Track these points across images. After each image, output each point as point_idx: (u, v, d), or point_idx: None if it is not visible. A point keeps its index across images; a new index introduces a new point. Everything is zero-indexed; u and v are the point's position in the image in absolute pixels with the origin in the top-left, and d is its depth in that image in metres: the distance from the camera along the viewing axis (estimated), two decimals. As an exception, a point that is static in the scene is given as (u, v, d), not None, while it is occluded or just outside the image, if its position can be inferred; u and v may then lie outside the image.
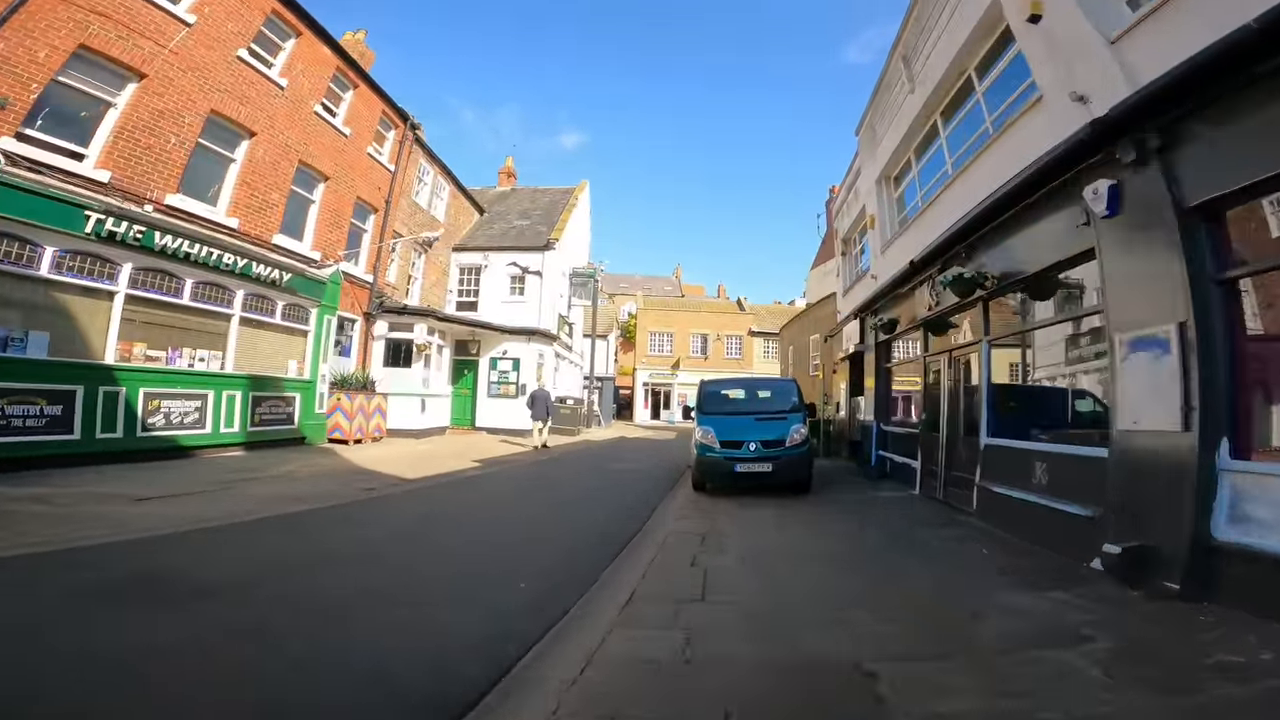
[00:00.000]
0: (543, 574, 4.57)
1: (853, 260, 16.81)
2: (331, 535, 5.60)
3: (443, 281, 21.29)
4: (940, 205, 9.01)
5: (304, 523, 6.10)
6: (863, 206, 14.33)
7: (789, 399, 10.57)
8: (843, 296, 16.97)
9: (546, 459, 13.77)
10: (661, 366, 40.70)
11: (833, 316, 18.33)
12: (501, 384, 18.66)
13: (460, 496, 8.08)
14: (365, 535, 5.65)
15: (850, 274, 16.70)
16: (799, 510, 7.99)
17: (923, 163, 10.65)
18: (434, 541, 5.61)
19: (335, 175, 14.27)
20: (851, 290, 15.84)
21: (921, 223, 9.84)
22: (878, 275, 12.55)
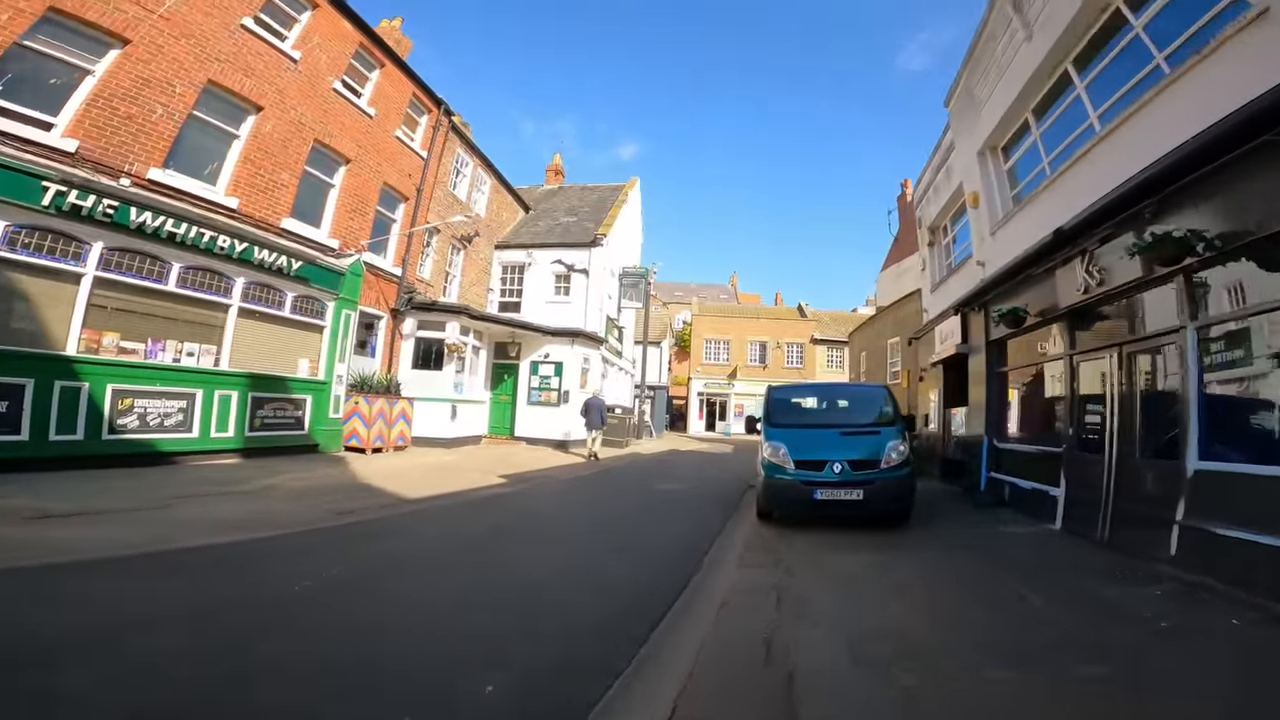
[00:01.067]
0: (523, 687, 2.71)
1: (941, 251, 14.46)
2: (220, 586, 3.91)
3: (483, 280, 19.95)
4: (1091, 164, 6.91)
5: (213, 560, 4.48)
6: (957, 186, 12.16)
7: (880, 408, 8.48)
8: (931, 293, 14.61)
9: (589, 472, 12.00)
10: (718, 376, 38.52)
11: (916, 316, 15.94)
12: (542, 390, 17.07)
13: (453, 528, 6.32)
14: (271, 590, 3.92)
15: (940, 266, 14.35)
16: (906, 552, 5.91)
17: (1047, 122, 8.59)
18: (364, 611, 3.76)
19: (358, 158, 13.01)
20: (944, 284, 13.48)
21: (1059, 189, 7.69)
22: (985, 261, 10.33)
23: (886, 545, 6.24)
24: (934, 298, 14.33)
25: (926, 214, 14.98)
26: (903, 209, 27.92)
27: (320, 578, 4.19)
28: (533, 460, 13.39)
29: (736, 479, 13.00)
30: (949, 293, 12.70)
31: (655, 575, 4.81)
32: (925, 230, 15.18)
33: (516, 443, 16.87)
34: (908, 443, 7.55)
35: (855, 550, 5.96)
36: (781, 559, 5.63)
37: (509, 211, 22.55)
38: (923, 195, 15.24)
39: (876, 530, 6.95)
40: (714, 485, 11.62)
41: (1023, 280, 8.50)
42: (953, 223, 13.81)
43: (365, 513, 6.59)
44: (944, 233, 14.44)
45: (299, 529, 5.61)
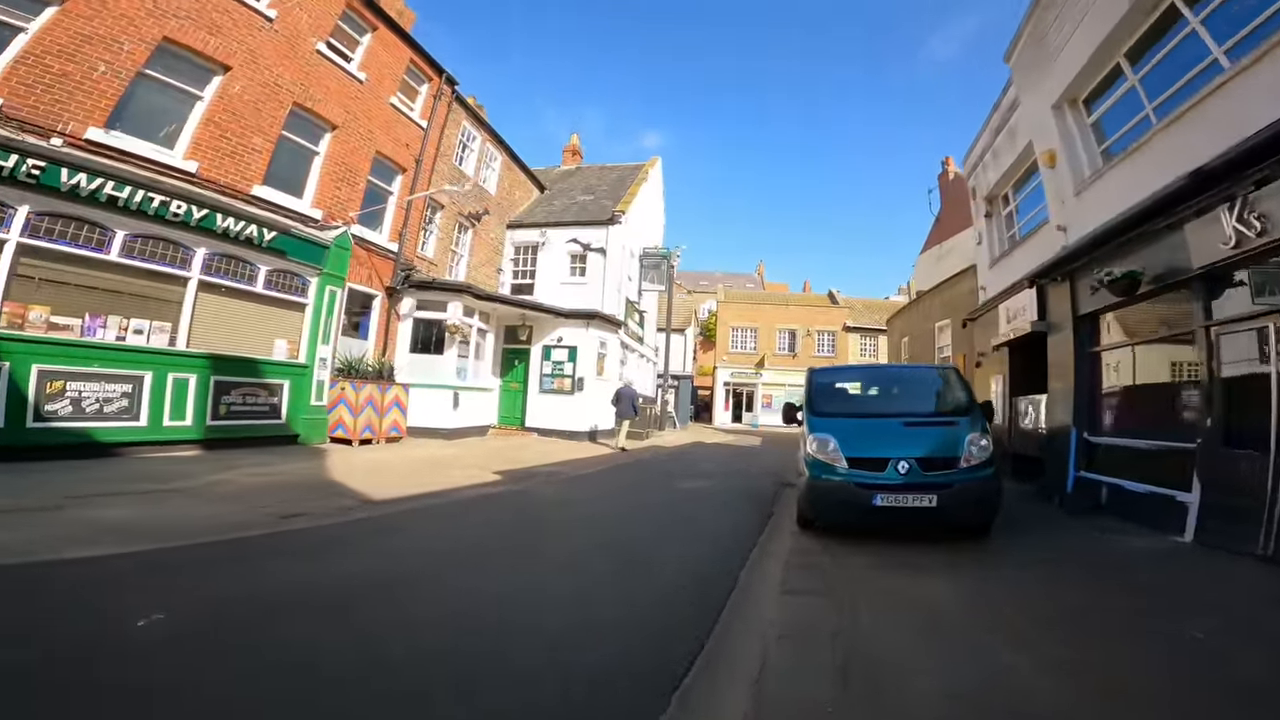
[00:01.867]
0: None
1: (1001, 222, 12.79)
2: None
3: (494, 260, 18.69)
4: (1227, 98, 5.34)
5: (29, 583, 3.19)
6: (1023, 148, 10.69)
7: (948, 394, 7.01)
8: (989, 269, 12.91)
9: (601, 468, 10.63)
10: (744, 365, 36.88)
11: (970, 296, 14.21)
12: (555, 377, 15.73)
13: (407, 545, 4.94)
14: (85, 631, 2.60)
15: (1001, 239, 12.70)
16: (998, 573, 4.51)
17: (1147, 66, 7.12)
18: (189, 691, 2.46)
19: (346, 125, 11.78)
20: (1007, 257, 11.80)
21: (1175, 135, 6.12)
22: (1068, 225, 8.78)
23: (968, 563, 4.80)
24: (994, 274, 12.63)
25: (982, 183, 13.26)
26: (944, 187, 26.03)
27: (172, 615, 2.88)
28: (540, 454, 12.06)
29: (768, 475, 11.55)
30: (1015, 266, 11.03)
31: (680, 619, 3.40)
32: (980, 201, 13.47)
33: (527, 434, 15.58)
34: (990, 436, 6.02)
35: (928, 571, 4.54)
36: (835, 585, 4.22)
37: (522, 190, 21.27)
38: (977, 163, 13.52)
39: (948, 542, 5.52)
40: (743, 482, 10.18)
41: (1133, 240, 6.86)
42: (1014, 191, 12.19)
43: (310, 519, 5.30)
44: (1004, 202, 12.75)
45: (204, 539, 4.33)
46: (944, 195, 25.88)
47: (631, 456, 13.34)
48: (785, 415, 7.20)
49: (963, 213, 23.89)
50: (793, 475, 11.39)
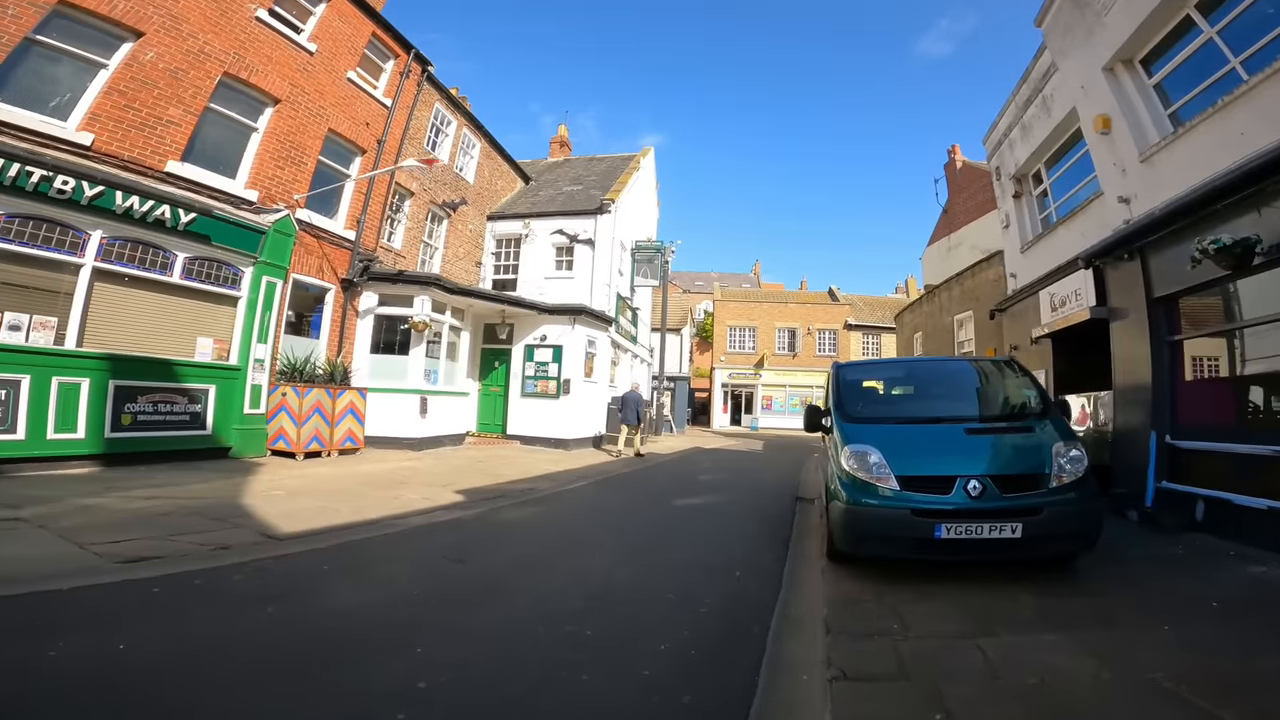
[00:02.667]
0: None
1: (1033, 203, 11.49)
2: None
3: (473, 254, 17.25)
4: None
5: None
6: (1063, 118, 9.42)
7: (1015, 391, 5.70)
8: (1021, 254, 11.58)
9: (584, 483, 9.20)
10: (743, 365, 35.48)
11: (996, 285, 12.88)
12: (538, 379, 14.28)
13: (275, 617, 3.50)
14: None
15: (1034, 221, 11.47)
16: (1151, 639, 3.02)
17: (1228, 17, 6.14)
18: None
19: (292, 99, 10.36)
20: (1046, 238, 10.49)
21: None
22: (1132, 195, 7.54)
23: (1081, 615, 3.46)
24: (1026, 259, 11.28)
25: (1008, 161, 11.96)
26: (951, 177, 24.77)
27: None
28: (519, 466, 10.61)
29: (779, 486, 10.17)
30: (1057, 248, 9.71)
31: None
32: (1007, 181, 12.13)
33: (509, 442, 14.12)
34: (1082, 445, 4.63)
35: (1032, 628, 3.20)
36: (905, 660, 2.83)
37: (504, 181, 19.86)
38: (1001, 141, 12.23)
39: (1026, 575, 4.14)
40: (751, 497, 8.78)
41: (1240, 203, 5.50)
42: (1048, 167, 10.90)
43: (164, 564, 3.86)
44: (1035, 181, 11.44)
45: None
46: (951, 185, 24.61)
47: (617, 469, 11.91)
48: (808, 420, 5.79)
49: (973, 202, 22.68)
50: (806, 487, 9.96)
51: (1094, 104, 8.28)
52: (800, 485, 10.56)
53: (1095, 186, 9.02)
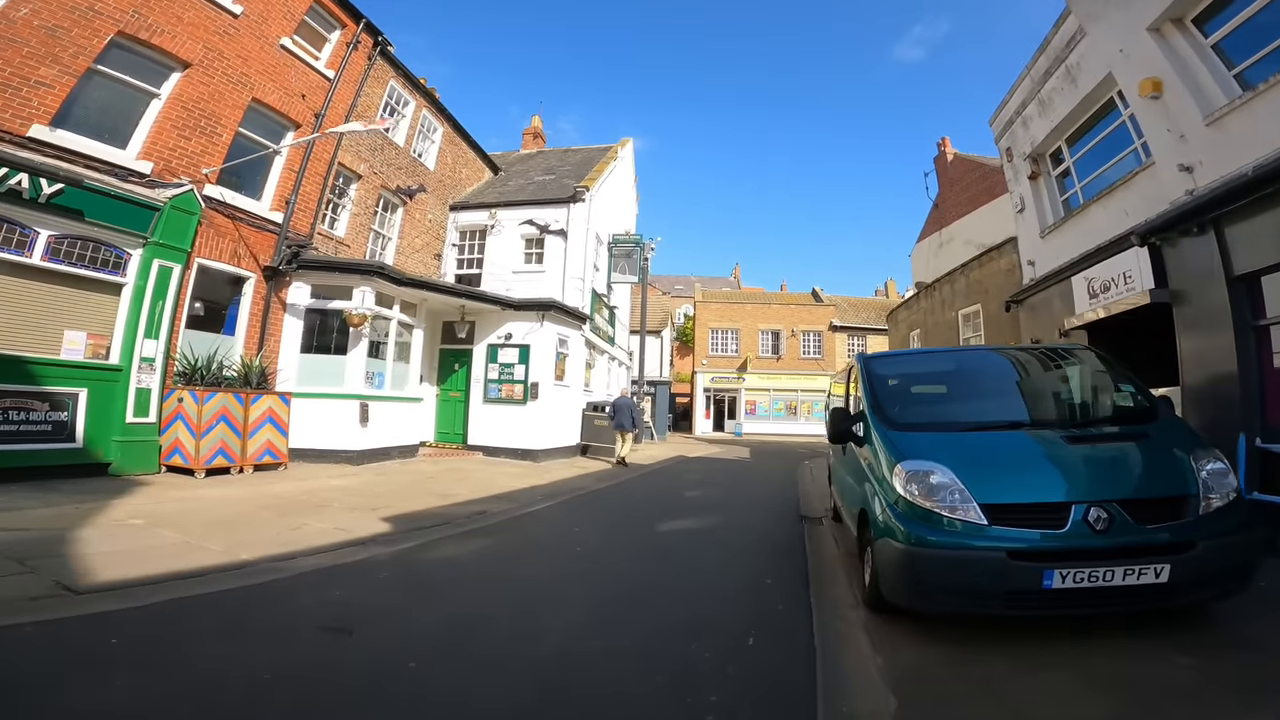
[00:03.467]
0: None
1: (1053, 184, 10.48)
2: None
3: (433, 246, 15.69)
4: None
5: None
6: (1094, 86, 8.53)
7: (1105, 387, 4.35)
8: (1040, 239, 10.44)
9: (545, 505, 7.71)
10: (725, 369, 34.18)
11: (1007, 276, 11.74)
12: (502, 383, 12.74)
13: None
14: None
15: (1052, 203, 10.50)
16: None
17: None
18: None
19: (206, 64, 8.85)
20: (1076, 219, 9.37)
21: None
22: (1196, 163, 6.41)
23: (1260, 671, 2.03)
24: (1048, 244, 10.15)
25: (1022, 141, 10.91)
26: (941, 171, 23.80)
27: None
28: (474, 483, 9.08)
29: (777, 501, 8.83)
30: (1094, 227, 8.64)
31: None
32: (1022, 162, 11.06)
33: (470, 454, 12.56)
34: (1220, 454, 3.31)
35: (1215, 701, 1.97)
36: None
37: (470, 170, 18.35)
38: (1013, 120, 11.21)
39: (1145, 621, 2.82)
40: (748, 516, 7.40)
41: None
42: (1071, 144, 9.87)
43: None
44: (1053, 161, 10.35)
45: None
46: (942, 179, 23.64)
47: (588, 485, 10.44)
48: (835, 428, 4.40)
49: (965, 195, 21.70)
50: (808, 501, 8.59)
51: (1137, 68, 7.39)
52: (801, 500, 9.18)
53: (1136, 158, 8.09)
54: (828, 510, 7.87)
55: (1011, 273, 11.44)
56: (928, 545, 3.02)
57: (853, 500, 4.47)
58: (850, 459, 4.72)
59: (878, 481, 3.63)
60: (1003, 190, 18.96)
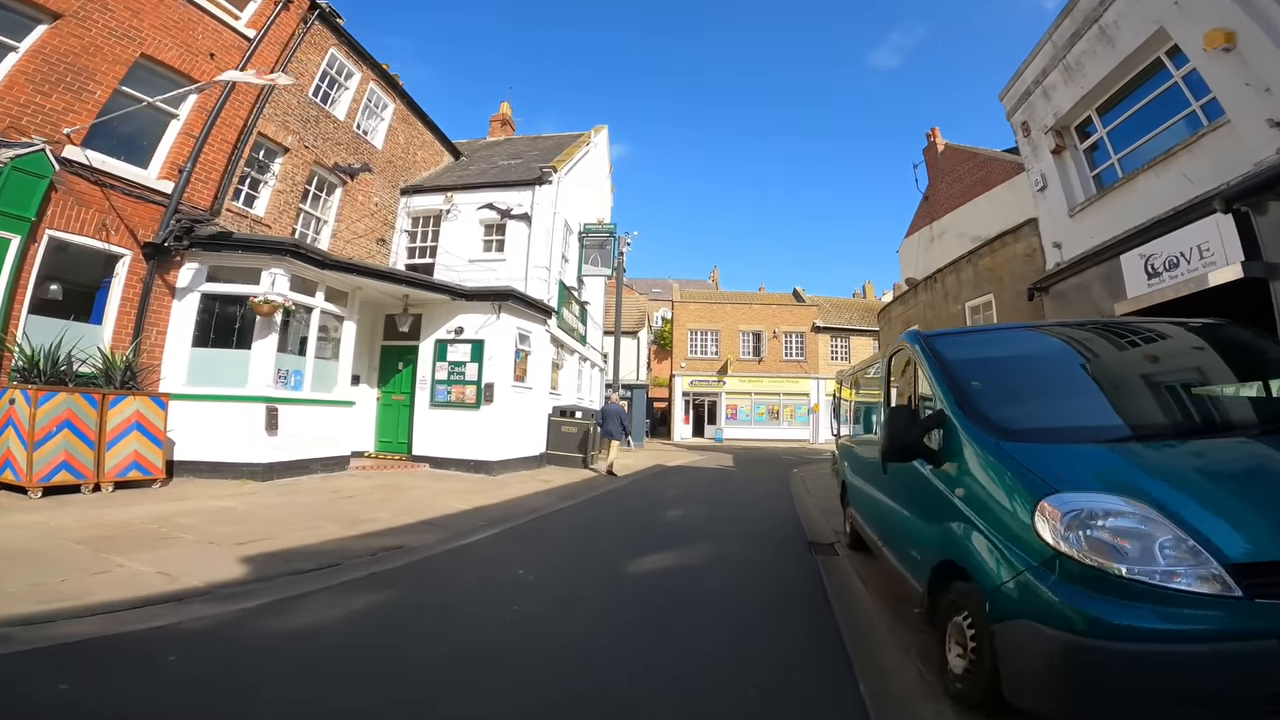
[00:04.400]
0: None
1: (1080, 159, 9.41)
2: None
3: (380, 231, 13.96)
4: None
5: None
6: (1139, 45, 7.54)
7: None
8: (1069, 217, 9.20)
9: (515, 527, 6.06)
10: (705, 372, 32.72)
11: (1025, 261, 10.47)
12: (452, 383, 11.04)
13: None
14: None
15: (1080, 179, 9.34)
16: None
17: None
18: None
19: (82, 15, 7.37)
20: (1118, 192, 8.08)
21: None
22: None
23: None
24: (1079, 223, 8.93)
25: (1044, 112, 9.89)
26: (932, 162, 22.69)
27: None
28: (403, 504, 7.40)
29: (777, 522, 7.37)
30: (1147, 198, 7.54)
31: None
32: (1043, 135, 9.92)
33: (415, 465, 10.82)
34: None
35: None
36: None
37: (427, 153, 16.69)
38: (1030, 91, 10.20)
39: None
40: (745, 547, 5.87)
41: None
42: (1104, 113, 8.84)
43: None
44: (1079, 135, 9.19)
45: None
46: (932, 171, 22.52)
47: (565, 498, 8.84)
48: (898, 441, 2.82)
49: (958, 187, 20.54)
50: (812, 521, 7.14)
51: (1198, 20, 6.55)
52: (805, 520, 7.68)
53: (1194, 122, 7.03)
54: (840, 533, 6.38)
55: (1031, 258, 10.13)
56: (1126, 635, 1.53)
57: (917, 541, 2.97)
58: (902, 479, 3.23)
59: (991, 523, 2.12)
60: (999, 180, 17.91)
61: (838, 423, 7.76)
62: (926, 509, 2.87)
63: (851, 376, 6.72)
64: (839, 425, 7.58)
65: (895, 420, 2.79)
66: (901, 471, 3.23)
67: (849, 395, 6.96)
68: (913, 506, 3.13)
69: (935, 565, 2.64)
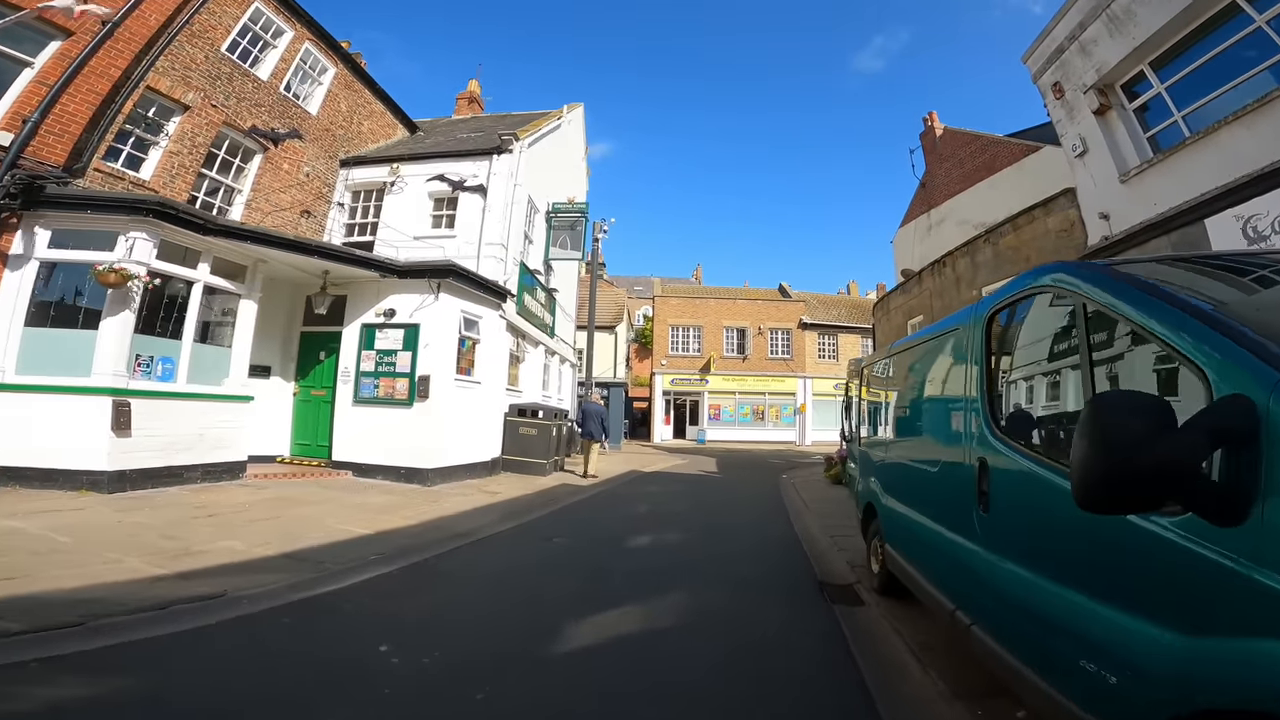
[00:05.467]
0: None
1: (1130, 119, 8.21)
2: None
3: (311, 204, 12.19)
4: None
5: None
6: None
7: None
8: (1121, 183, 7.81)
9: (424, 561, 4.37)
10: (687, 370, 31.13)
11: (1060, 237, 9.09)
12: (380, 376, 9.30)
13: None
14: None
15: (1133, 140, 7.81)
16: None
17: None
18: None
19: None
20: (1190, 150, 6.73)
21: None
22: None
23: None
24: (1132, 189, 7.63)
25: (1083, 70, 8.78)
26: (929, 148, 21.36)
27: None
28: (270, 529, 5.68)
29: (771, 548, 5.74)
30: (1232, 154, 6.07)
31: None
32: (1082, 95, 8.76)
33: (335, 473, 9.06)
34: None
35: None
36: None
37: (376, 123, 15.00)
38: (1063, 48, 9.15)
39: None
40: (733, 594, 4.26)
41: None
42: (1159, 67, 7.63)
43: None
44: (1126, 94, 7.85)
45: None
46: (930, 157, 21.17)
47: (507, 517, 7.17)
48: (1129, 470, 1.10)
49: (959, 171, 19.18)
50: (818, 549, 5.56)
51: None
52: (807, 544, 6.09)
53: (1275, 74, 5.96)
54: (856, 565, 4.78)
55: (1068, 233, 8.71)
56: None
57: (1123, 657, 1.37)
58: (1077, 534, 1.64)
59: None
60: (1005, 163, 16.58)
61: (850, 422, 6.18)
62: (1171, 608, 1.30)
63: (882, 360, 5.07)
64: (853, 425, 6.00)
65: (1118, 421, 1.15)
66: (1077, 524, 1.64)
67: (870, 391, 5.37)
68: (1114, 593, 1.54)
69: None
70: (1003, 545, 2.22)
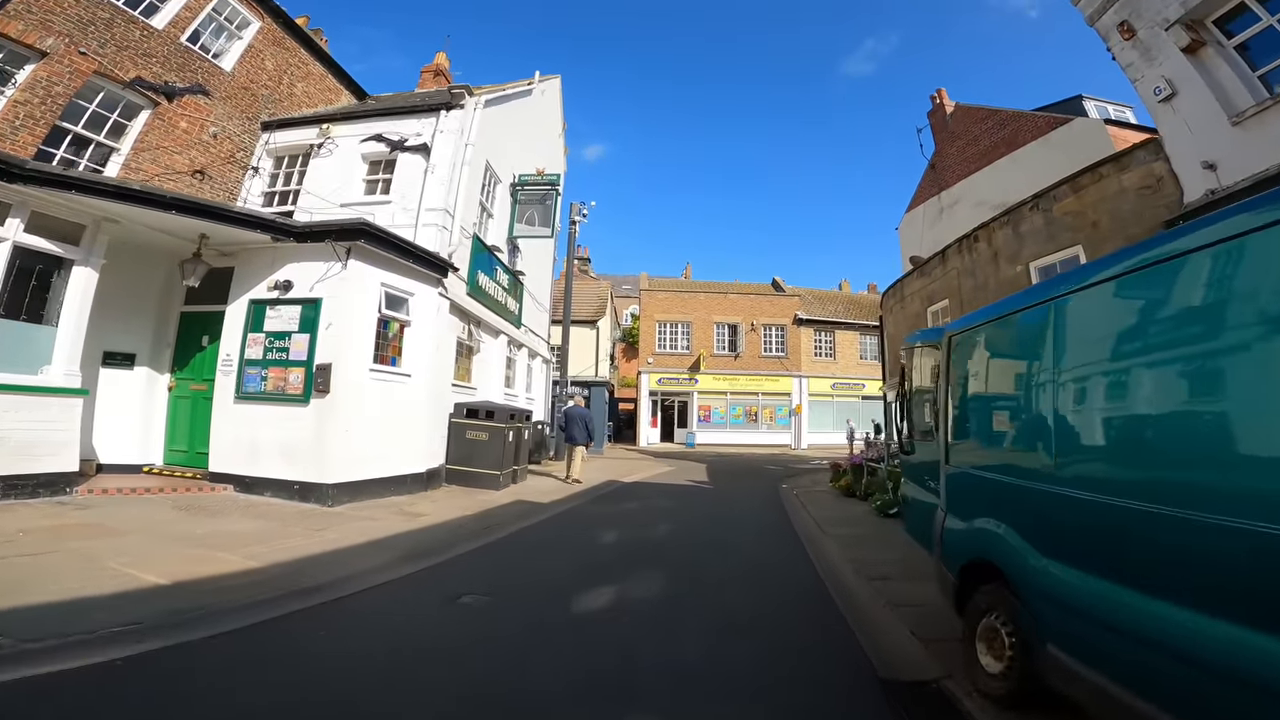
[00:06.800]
0: None
1: (1231, 55, 6.17)
2: None
3: (222, 171, 10.28)
4: None
5: None
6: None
7: None
8: (1231, 126, 5.98)
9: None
10: (675, 368, 29.21)
11: (1140, 198, 7.31)
12: (269, 364, 7.33)
13: None
14: None
15: (1242, 78, 6.03)
16: None
17: None
18: None
19: None
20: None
21: None
22: None
23: None
24: (1247, 132, 6.28)
25: (1161, 5, 7.32)
26: (939, 127, 19.69)
27: None
28: (9, 580, 3.72)
29: (787, 598, 3.72)
30: None
31: None
32: (1165, 33, 7.54)
33: (212, 488, 7.10)
34: None
35: None
36: None
37: (312, 86, 13.17)
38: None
39: None
40: (761, 706, 2.24)
41: None
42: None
43: None
44: (1223, 31, 6.24)
45: None
46: (939, 136, 19.48)
47: (423, 555, 5.25)
48: None
49: (973, 149, 17.46)
50: (860, 598, 3.59)
51: None
52: (837, 593, 4.23)
53: None
54: (933, 642, 2.89)
55: (1154, 190, 6.95)
56: None
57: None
58: None
59: None
60: (1029, 137, 14.88)
61: (907, 425, 4.33)
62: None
63: (1020, 316, 2.94)
64: (910, 429, 4.15)
65: None
66: None
67: (975, 378, 3.46)
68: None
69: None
70: None
